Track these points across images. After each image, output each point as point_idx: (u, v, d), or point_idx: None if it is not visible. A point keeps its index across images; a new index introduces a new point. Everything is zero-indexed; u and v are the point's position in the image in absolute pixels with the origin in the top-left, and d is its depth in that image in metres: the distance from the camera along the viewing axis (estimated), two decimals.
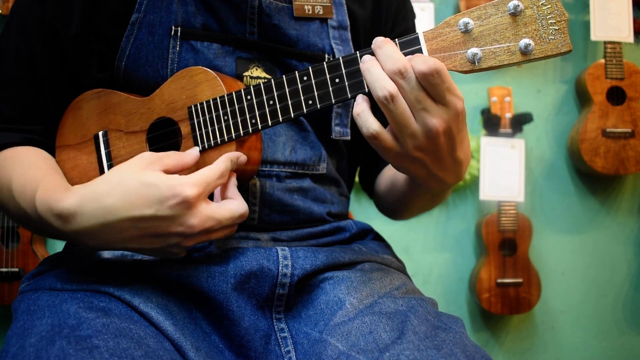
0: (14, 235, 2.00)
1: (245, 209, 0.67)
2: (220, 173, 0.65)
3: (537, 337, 2.40)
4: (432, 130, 0.59)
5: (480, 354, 0.64)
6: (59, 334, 0.59)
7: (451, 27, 0.60)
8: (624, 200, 2.45)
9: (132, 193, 0.61)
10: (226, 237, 0.69)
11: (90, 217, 0.62)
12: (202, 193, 0.62)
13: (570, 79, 2.42)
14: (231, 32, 0.79)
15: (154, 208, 0.61)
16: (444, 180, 0.67)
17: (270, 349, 0.70)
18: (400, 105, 0.58)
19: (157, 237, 0.63)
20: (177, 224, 0.61)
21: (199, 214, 0.62)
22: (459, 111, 0.60)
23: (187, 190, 0.61)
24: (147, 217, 0.61)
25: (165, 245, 0.64)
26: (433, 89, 0.58)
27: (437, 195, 0.81)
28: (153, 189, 0.61)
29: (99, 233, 0.63)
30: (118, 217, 0.61)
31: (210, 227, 0.63)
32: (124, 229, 0.62)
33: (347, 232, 0.86)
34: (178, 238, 0.63)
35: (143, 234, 0.62)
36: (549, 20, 0.57)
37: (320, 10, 0.83)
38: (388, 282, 0.77)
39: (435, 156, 0.62)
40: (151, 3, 0.77)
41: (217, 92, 0.70)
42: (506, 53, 0.58)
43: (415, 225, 2.37)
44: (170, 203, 0.60)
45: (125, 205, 0.61)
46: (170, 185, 0.61)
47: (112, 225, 0.62)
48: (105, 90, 0.78)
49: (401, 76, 0.58)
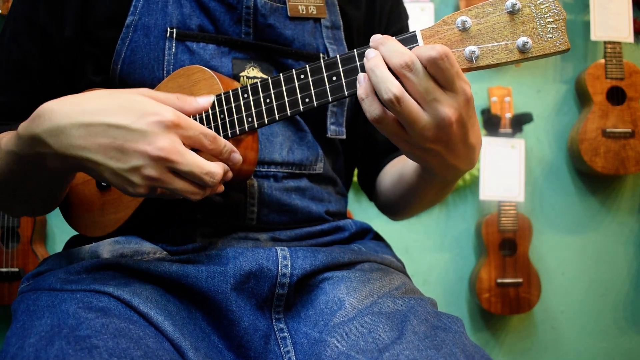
0: (14, 235, 2.00)
1: (218, 171, 0.63)
2: (207, 131, 0.63)
3: (537, 337, 2.40)
4: (445, 120, 0.58)
5: (480, 354, 0.64)
6: (59, 334, 0.59)
7: (449, 25, 0.60)
8: (624, 200, 2.45)
9: (114, 103, 0.61)
10: (191, 198, 0.64)
11: (65, 115, 0.60)
12: (181, 125, 0.61)
13: (570, 79, 2.42)
14: (227, 33, 0.79)
15: (130, 119, 0.60)
16: (458, 167, 0.66)
17: (269, 349, 0.70)
18: (407, 104, 0.58)
19: (122, 152, 0.60)
20: (146, 141, 0.59)
21: (171, 140, 0.60)
22: (469, 97, 0.59)
23: (168, 114, 0.60)
24: (120, 126, 0.60)
25: (126, 167, 0.60)
26: (442, 75, 0.57)
27: (446, 185, 0.80)
28: (136, 104, 0.61)
29: (67, 134, 0.60)
30: (92, 120, 0.60)
31: (176, 162, 0.60)
32: (93, 134, 0.60)
33: (346, 232, 0.86)
34: (142, 160, 0.60)
35: (109, 144, 0.60)
36: (546, 19, 0.57)
37: (314, 10, 0.83)
38: (388, 282, 0.77)
39: (449, 145, 0.62)
40: (146, 5, 0.77)
41: (214, 90, 0.70)
42: (504, 51, 0.58)
43: (415, 225, 2.37)
44: (148, 120, 0.60)
45: (104, 110, 0.60)
46: (153, 104, 0.61)
47: (82, 126, 0.60)
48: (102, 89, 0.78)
49: (409, 69, 0.57)
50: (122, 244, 0.76)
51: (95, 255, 0.76)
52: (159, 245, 0.77)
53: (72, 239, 0.87)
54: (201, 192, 0.64)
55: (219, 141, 0.65)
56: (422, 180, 0.79)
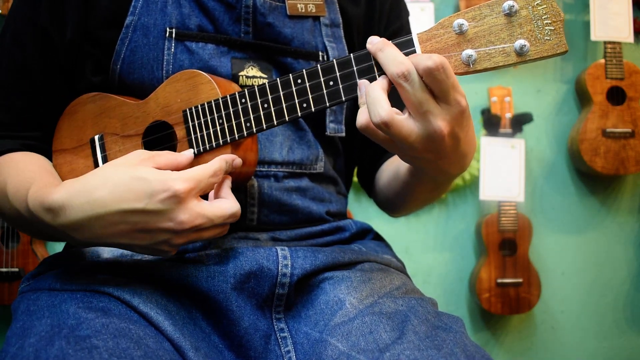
0: (14, 235, 2.00)
1: (237, 209, 0.66)
2: (213, 172, 0.65)
3: (537, 337, 2.40)
4: (437, 133, 0.58)
5: (480, 354, 0.64)
6: (59, 334, 0.59)
7: (445, 28, 0.59)
8: (624, 200, 2.45)
9: (122, 187, 0.61)
10: (218, 237, 0.68)
11: (79, 210, 0.61)
12: (193, 189, 0.62)
13: (570, 79, 2.42)
14: (226, 32, 0.79)
15: (143, 202, 0.60)
16: (449, 171, 0.67)
17: (270, 349, 0.70)
18: (396, 127, 0.58)
19: (147, 233, 0.62)
20: (166, 219, 0.61)
21: (189, 210, 0.61)
22: (463, 109, 0.59)
23: (178, 185, 0.60)
24: (136, 211, 0.60)
25: (154, 242, 0.63)
26: (438, 86, 0.57)
27: (440, 185, 0.80)
28: (143, 183, 0.60)
29: (88, 227, 0.62)
30: (107, 211, 0.60)
31: (200, 225, 0.62)
32: (113, 223, 0.61)
33: (346, 232, 0.86)
34: (167, 234, 0.62)
35: (132, 228, 0.61)
36: (544, 21, 0.56)
37: (313, 9, 0.83)
38: (388, 282, 0.77)
39: (439, 154, 0.62)
40: (145, 5, 0.77)
41: (211, 95, 0.70)
42: (501, 54, 0.58)
43: (415, 225, 2.37)
44: (160, 197, 0.60)
45: (115, 199, 0.60)
46: (161, 179, 0.61)
47: (101, 218, 0.61)
48: (101, 94, 0.78)
49: (405, 79, 0.57)
50: None
51: (96, 255, 0.75)
52: None
53: None
54: (227, 227, 0.68)
55: (222, 168, 0.66)
56: (416, 179, 0.80)
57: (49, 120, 0.81)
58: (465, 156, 0.65)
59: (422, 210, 2.37)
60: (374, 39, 0.60)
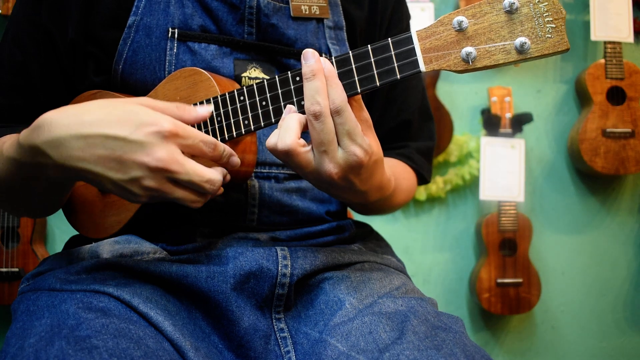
0: (14, 235, 2.00)
1: (217, 178, 0.64)
2: (206, 138, 0.63)
3: (537, 337, 2.40)
4: (326, 174, 0.63)
5: (480, 354, 0.64)
6: (58, 334, 0.59)
7: (445, 25, 0.59)
8: (624, 200, 2.45)
9: (112, 114, 0.60)
10: (192, 206, 0.65)
11: (65, 127, 0.60)
12: (179, 135, 0.61)
13: (570, 79, 2.42)
14: (229, 33, 0.79)
15: (128, 130, 0.59)
16: (350, 200, 0.71)
17: (269, 349, 0.70)
18: (296, 157, 0.63)
19: (121, 163, 0.60)
20: (145, 153, 0.59)
21: (169, 151, 0.60)
22: (359, 160, 0.62)
23: (166, 124, 0.60)
24: (118, 138, 0.59)
25: (126, 178, 0.61)
26: (337, 127, 0.61)
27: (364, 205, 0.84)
28: (134, 115, 0.60)
29: (68, 145, 0.60)
30: (90, 132, 0.60)
31: (175, 172, 0.60)
32: (92, 145, 0.60)
33: (346, 232, 0.86)
34: (141, 171, 0.60)
35: (109, 156, 0.60)
36: (545, 18, 0.55)
37: (317, 11, 0.83)
38: (388, 282, 0.77)
39: (331, 190, 0.67)
40: (148, 5, 0.77)
41: (211, 93, 0.70)
42: (501, 52, 0.57)
43: (415, 225, 2.37)
44: (146, 130, 0.59)
45: (102, 122, 0.60)
46: (152, 115, 0.61)
47: (82, 138, 0.60)
48: (101, 92, 0.78)
49: (315, 118, 0.61)
50: (122, 244, 0.76)
51: (95, 256, 0.75)
52: (158, 245, 0.77)
53: (72, 239, 0.87)
54: (201, 199, 0.65)
55: (219, 147, 0.65)
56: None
57: None
58: (364, 193, 0.68)
59: (422, 210, 2.37)
60: (309, 56, 0.62)
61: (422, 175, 0.96)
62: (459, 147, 2.30)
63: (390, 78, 0.61)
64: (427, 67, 0.60)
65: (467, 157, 2.33)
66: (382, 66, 0.61)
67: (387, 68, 0.61)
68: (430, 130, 1.00)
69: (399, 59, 0.61)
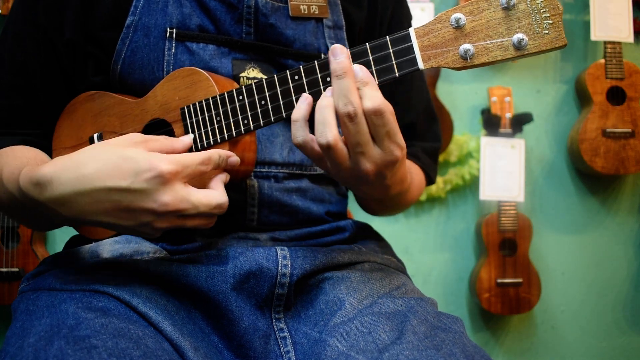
0: (14, 235, 2.00)
1: (225, 201, 0.65)
2: (202, 159, 0.64)
3: (537, 337, 2.40)
4: (363, 172, 0.62)
5: (480, 354, 0.64)
6: (58, 334, 0.59)
7: (443, 23, 0.59)
8: (624, 200, 2.45)
9: (110, 165, 0.61)
10: (204, 228, 0.67)
11: (66, 184, 0.61)
12: (179, 172, 0.61)
13: (570, 79, 2.41)
14: (227, 33, 0.79)
15: (128, 180, 0.60)
16: (371, 195, 0.70)
17: (269, 349, 0.70)
18: (336, 152, 0.62)
19: (130, 212, 0.61)
20: (150, 199, 0.60)
21: (174, 193, 0.61)
22: (396, 159, 0.62)
23: (163, 165, 0.60)
24: (121, 189, 0.60)
25: (137, 223, 0.62)
26: (374, 129, 0.60)
27: (380, 200, 0.84)
28: (131, 162, 0.60)
29: (74, 202, 0.61)
30: (92, 187, 0.60)
31: (184, 210, 0.61)
32: (98, 200, 0.61)
33: (346, 232, 0.86)
34: (150, 216, 0.61)
35: (116, 207, 0.61)
36: (542, 15, 0.55)
37: (316, 10, 0.83)
38: (387, 283, 0.77)
39: (362, 185, 0.66)
40: (146, 5, 0.77)
41: (209, 92, 0.70)
42: (499, 48, 0.57)
43: (415, 225, 2.37)
44: (145, 176, 0.60)
45: (102, 176, 0.60)
46: (148, 159, 0.60)
47: (86, 194, 0.60)
48: (100, 92, 0.78)
49: (349, 119, 0.59)
50: (122, 243, 0.76)
51: (95, 255, 0.75)
52: (158, 244, 0.77)
53: (72, 239, 0.87)
54: (213, 220, 0.67)
55: (214, 159, 0.65)
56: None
57: (49, 119, 0.81)
58: (388, 187, 0.68)
59: (422, 210, 2.37)
60: (337, 52, 0.60)
61: (428, 175, 0.96)
62: (459, 147, 2.30)
63: (388, 76, 0.61)
64: (425, 65, 0.60)
65: (467, 157, 2.33)
66: (380, 64, 0.61)
67: (385, 66, 0.61)
68: (436, 132, 1.00)
69: (397, 56, 0.61)
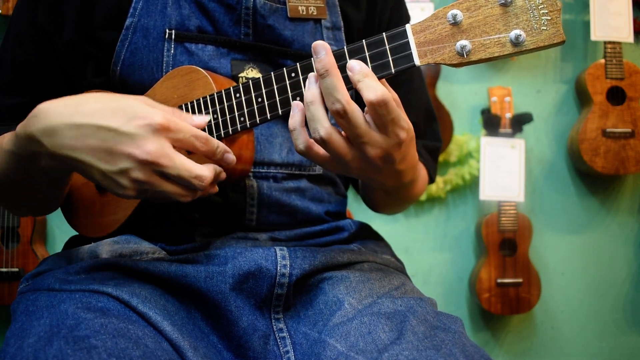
0: (14, 235, 2.00)
1: (207, 174, 0.64)
2: (198, 135, 0.64)
3: (537, 337, 2.40)
4: (369, 158, 0.62)
5: (480, 354, 0.64)
6: (57, 334, 0.59)
7: (440, 19, 0.59)
8: (624, 200, 2.45)
9: (108, 106, 0.61)
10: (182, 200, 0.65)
11: (59, 115, 0.61)
12: (170, 129, 0.61)
13: (570, 79, 2.42)
14: (226, 33, 0.79)
15: (120, 122, 0.60)
16: (384, 184, 0.69)
17: (268, 349, 0.70)
18: (334, 145, 0.61)
19: (111, 154, 0.61)
20: (134, 144, 0.60)
21: (159, 145, 0.61)
22: (401, 141, 0.62)
23: (157, 117, 0.61)
24: (109, 129, 0.60)
25: (114, 169, 0.61)
26: (378, 119, 0.60)
27: (391, 193, 0.83)
28: (129, 109, 0.61)
29: (59, 134, 0.61)
30: (84, 121, 0.61)
31: (164, 166, 0.61)
32: (84, 135, 0.61)
33: (346, 232, 0.86)
34: (129, 162, 0.61)
35: (99, 146, 0.61)
36: (540, 11, 0.55)
37: (314, 11, 0.83)
38: (387, 283, 0.77)
39: (373, 172, 0.65)
40: (145, 7, 0.78)
41: (207, 90, 0.70)
42: (496, 45, 0.57)
43: (415, 225, 2.37)
44: (137, 123, 0.60)
45: (97, 113, 0.61)
46: (146, 110, 0.61)
47: (75, 127, 0.61)
48: (100, 91, 0.78)
49: (339, 116, 0.60)
50: (121, 243, 0.76)
51: (94, 256, 0.76)
52: (157, 245, 0.77)
53: (71, 239, 0.87)
54: (190, 194, 0.65)
55: (212, 143, 0.65)
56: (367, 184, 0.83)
57: None
58: (400, 173, 0.68)
59: (422, 210, 2.37)
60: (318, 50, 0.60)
61: (429, 172, 0.96)
62: (459, 147, 2.30)
63: (385, 72, 0.61)
64: (421, 61, 0.60)
65: (467, 157, 2.33)
66: (377, 60, 0.61)
67: (381, 62, 0.61)
68: (436, 132, 1.00)
69: (394, 53, 0.61)
